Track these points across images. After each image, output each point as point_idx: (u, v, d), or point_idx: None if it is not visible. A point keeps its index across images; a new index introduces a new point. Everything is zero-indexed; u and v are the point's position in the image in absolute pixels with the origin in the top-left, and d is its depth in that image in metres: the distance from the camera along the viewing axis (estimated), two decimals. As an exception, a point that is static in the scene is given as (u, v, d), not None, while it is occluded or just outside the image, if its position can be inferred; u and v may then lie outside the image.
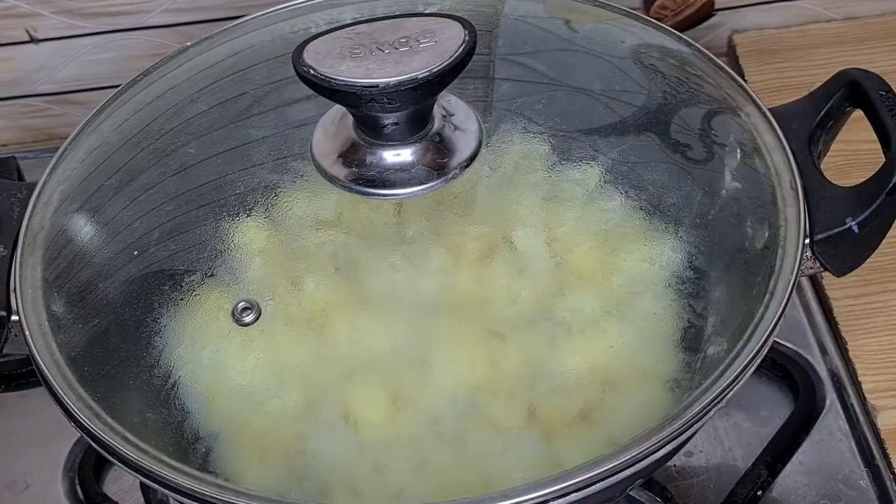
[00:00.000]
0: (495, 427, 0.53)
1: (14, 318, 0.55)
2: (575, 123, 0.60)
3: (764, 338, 0.52)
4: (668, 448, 0.49)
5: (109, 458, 0.51)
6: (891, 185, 0.55)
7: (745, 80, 0.62)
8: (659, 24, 0.65)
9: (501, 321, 0.55)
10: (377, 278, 0.56)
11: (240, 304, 0.55)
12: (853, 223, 0.56)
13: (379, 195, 0.54)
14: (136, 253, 0.58)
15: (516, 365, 0.54)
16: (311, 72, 0.51)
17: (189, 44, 0.66)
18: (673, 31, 0.65)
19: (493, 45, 0.64)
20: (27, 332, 0.54)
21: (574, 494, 0.48)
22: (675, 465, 0.65)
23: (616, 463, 0.48)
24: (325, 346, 0.55)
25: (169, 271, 0.57)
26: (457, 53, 0.52)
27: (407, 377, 0.54)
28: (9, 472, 0.67)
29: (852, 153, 0.72)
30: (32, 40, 0.80)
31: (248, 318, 0.55)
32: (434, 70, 0.52)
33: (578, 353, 0.54)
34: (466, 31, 0.53)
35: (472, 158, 0.55)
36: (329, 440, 0.53)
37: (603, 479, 0.48)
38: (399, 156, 0.55)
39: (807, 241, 0.55)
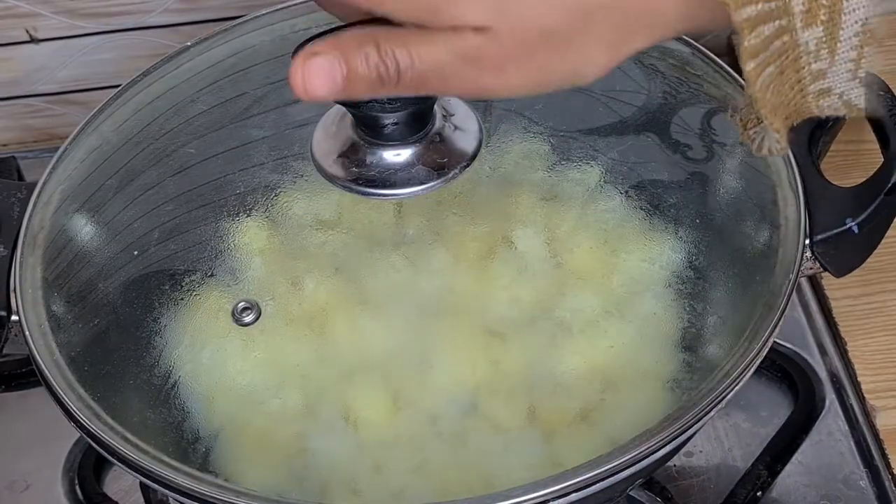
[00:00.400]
0: (495, 427, 0.53)
1: (14, 318, 0.55)
2: (575, 123, 0.60)
3: (764, 338, 0.52)
4: (668, 448, 0.49)
5: (109, 458, 0.51)
6: (889, 185, 0.55)
7: (745, 81, 0.62)
8: (659, 24, 0.65)
9: (501, 321, 0.55)
10: (377, 278, 0.56)
11: (240, 304, 0.55)
12: (853, 224, 0.56)
13: (379, 195, 0.54)
14: (136, 253, 0.58)
15: (516, 365, 0.54)
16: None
17: (189, 44, 0.66)
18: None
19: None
20: (27, 332, 0.54)
21: (574, 494, 0.48)
22: (675, 466, 0.65)
23: (616, 463, 0.48)
24: (325, 346, 0.55)
25: (169, 271, 0.57)
26: (457, 53, 0.52)
27: (407, 377, 0.54)
28: (9, 472, 0.67)
29: (851, 153, 0.72)
30: (32, 40, 0.80)
31: (248, 318, 0.55)
32: (434, 70, 0.51)
33: (578, 353, 0.54)
34: (466, 31, 0.53)
35: (472, 158, 0.55)
36: (329, 440, 0.53)
37: (603, 479, 0.48)
38: (399, 156, 0.55)
39: (807, 241, 0.56)
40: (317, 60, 0.43)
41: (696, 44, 0.64)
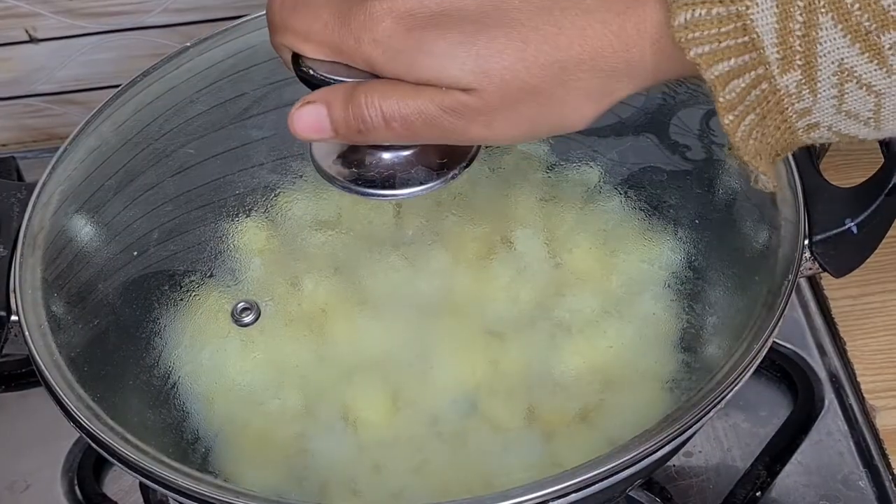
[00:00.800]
0: (495, 427, 0.53)
1: (14, 318, 0.55)
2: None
3: (763, 339, 0.52)
4: (668, 448, 0.49)
5: (109, 458, 0.51)
6: (890, 185, 0.55)
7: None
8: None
9: (501, 321, 0.55)
10: (377, 279, 0.56)
11: (239, 305, 0.55)
12: (852, 224, 0.56)
13: (378, 195, 0.54)
14: (135, 253, 0.58)
15: (516, 365, 0.54)
16: (311, 72, 0.51)
17: (189, 44, 0.66)
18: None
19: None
20: (27, 333, 0.54)
21: (574, 495, 0.48)
22: (674, 466, 0.65)
23: (616, 463, 0.48)
24: (324, 347, 0.55)
25: (169, 272, 0.57)
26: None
27: (406, 377, 0.54)
28: (9, 472, 0.67)
29: (851, 153, 0.72)
30: (32, 40, 0.80)
31: (247, 319, 0.55)
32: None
33: (578, 353, 0.54)
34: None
35: (472, 158, 0.55)
36: (329, 440, 0.53)
37: (603, 480, 0.48)
38: (399, 156, 0.55)
39: (806, 241, 0.56)
40: (306, 108, 0.47)
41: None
